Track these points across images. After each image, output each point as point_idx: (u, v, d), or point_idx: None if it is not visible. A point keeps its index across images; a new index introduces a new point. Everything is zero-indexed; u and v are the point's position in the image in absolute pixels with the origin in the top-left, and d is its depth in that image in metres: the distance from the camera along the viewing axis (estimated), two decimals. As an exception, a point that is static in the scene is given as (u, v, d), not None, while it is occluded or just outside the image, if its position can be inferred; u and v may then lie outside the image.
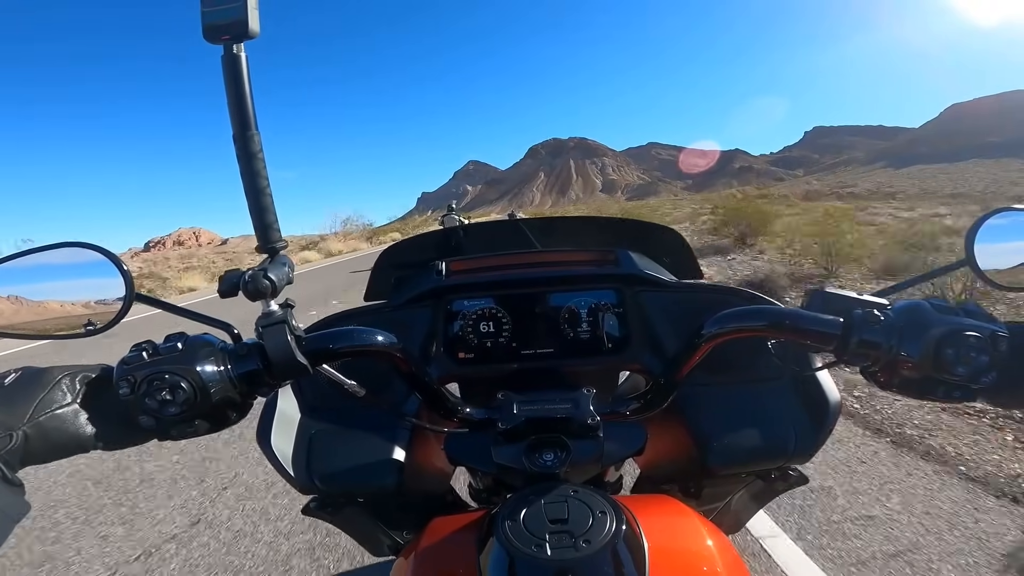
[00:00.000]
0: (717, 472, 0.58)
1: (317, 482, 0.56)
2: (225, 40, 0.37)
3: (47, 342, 4.97)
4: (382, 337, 0.45)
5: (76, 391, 0.38)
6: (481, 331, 0.74)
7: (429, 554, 0.43)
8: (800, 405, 0.60)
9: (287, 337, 0.39)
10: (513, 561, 0.35)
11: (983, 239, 0.47)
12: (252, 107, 0.38)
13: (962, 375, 0.38)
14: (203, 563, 1.66)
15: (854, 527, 1.65)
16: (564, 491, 0.41)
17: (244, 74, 0.38)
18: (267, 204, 0.40)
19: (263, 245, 0.40)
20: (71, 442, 0.37)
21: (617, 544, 0.36)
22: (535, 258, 0.85)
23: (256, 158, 0.39)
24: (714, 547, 0.41)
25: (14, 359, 5.03)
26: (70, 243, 0.41)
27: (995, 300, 3.89)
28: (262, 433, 0.56)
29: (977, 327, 0.38)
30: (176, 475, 2.30)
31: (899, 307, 0.41)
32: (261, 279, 0.39)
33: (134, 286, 0.40)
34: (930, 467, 2.00)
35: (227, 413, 0.40)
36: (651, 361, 0.71)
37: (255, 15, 0.36)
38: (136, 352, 0.38)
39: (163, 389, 0.36)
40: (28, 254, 0.41)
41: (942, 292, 3.87)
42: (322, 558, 1.64)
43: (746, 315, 0.47)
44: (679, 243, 0.90)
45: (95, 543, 1.81)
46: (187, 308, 0.42)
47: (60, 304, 0.48)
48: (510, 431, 0.49)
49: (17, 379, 0.37)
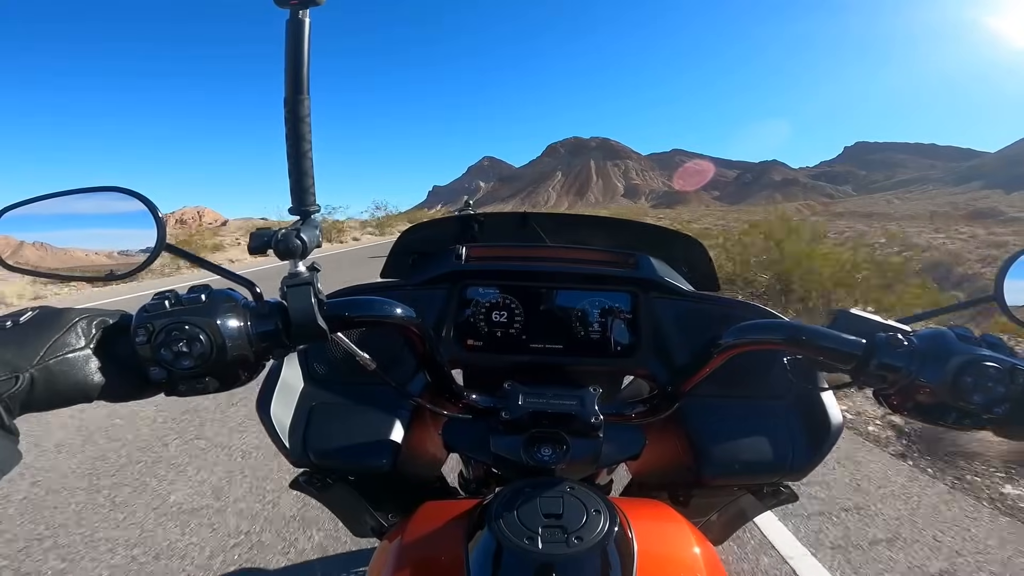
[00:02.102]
0: (710, 482, 0.60)
1: (311, 456, 0.57)
2: (293, 4, 0.39)
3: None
4: (401, 310, 0.47)
5: (91, 336, 0.37)
6: (492, 320, 0.76)
7: (416, 538, 0.44)
8: (801, 424, 0.62)
9: (311, 299, 0.41)
10: (501, 551, 0.37)
11: (1015, 275, 0.49)
12: (308, 72, 0.40)
13: (977, 403, 0.40)
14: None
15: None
16: (561, 487, 0.42)
17: (305, 39, 0.40)
18: (307, 168, 0.41)
19: (297, 207, 0.42)
20: (76, 390, 0.36)
21: (608, 544, 0.37)
22: (554, 253, 0.87)
23: (304, 122, 0.41)
24: (702, 557, 0.43)
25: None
26: (111, 187, 0.43)
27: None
28: (262, 400, 0.58)
29: (997, 359, 0.40)
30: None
31: (923, 334, 0.44)
32: (293, 239, 0.40)
33: (166, 235, 0.42)
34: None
35: (239, 372, 0.41)
36: (658, 368, 0.73)
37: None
38: (158, 300, 0.39)
39: (181, 340, 0.37)
40: (70, 194, 0.43)
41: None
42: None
43: (766, 328, 0.48)
44: (700, 253, 0.92)
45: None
46: (212, 263, 0.44)
47: (85, 253, 0.51)
48: (512, 422, 0.50)
49: (33, 318, 0.36)
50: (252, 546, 1.71)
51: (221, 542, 1.73)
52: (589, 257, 0.85)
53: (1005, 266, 0.50)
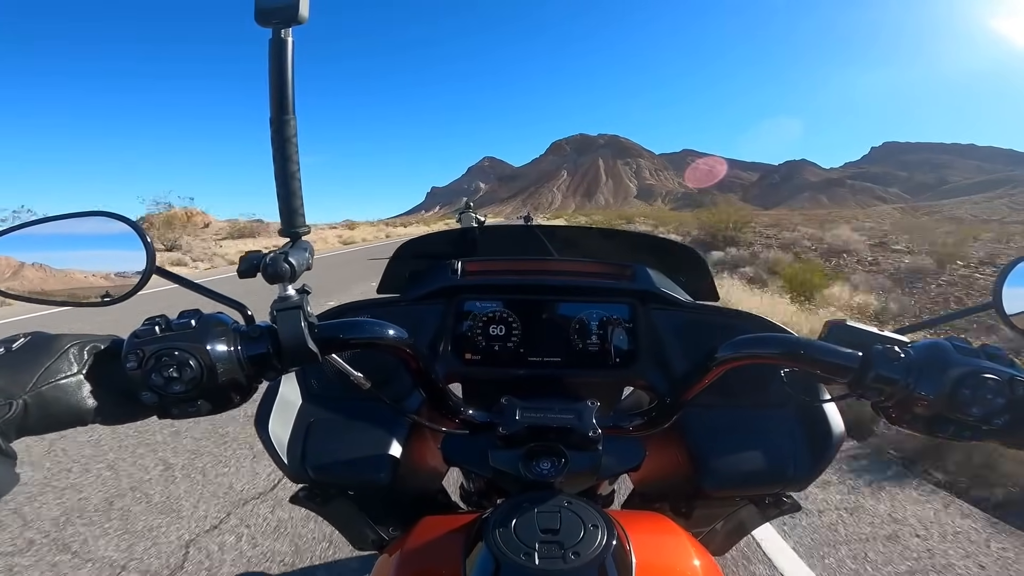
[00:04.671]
0: (712, 494, 0.62)
1: (310, 471, 0.60)
2: (275, 24, 0.41)
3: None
4: (393, 331, 0.49)
5: (83, 361, 0.40)
6: (490, 333, 0.79)
7: (415, 552, 0.47)
8: (803, 434, 0.64)
9: (301, 323, 0.43)
10: (499, 567, 0.38)
11: (1013, 283, 0.51)
12: (292, 92, 0.42)
13: (976, 416, 0.41)
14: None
15: None
16: (558, 501, 0.44)
17: (288, 59, 0.41)
18: (295, 189, 0.43)
19: (286, 229, 0.44)
20: (70, 415, 0.38)
21: (606, 559, 0.39)
22: (551, 266, 0.91)
23: (290, 142, 0.43)
24: (702, 569, 0.44)
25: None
26: (99, 212, 0.46)
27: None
28: (261, 417, 0.61)
29: (996, 370, 0.42)
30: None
31: (920, 345, 0.45)
32: (281, 262, 0.42)
33: (155, 259, 0.45)
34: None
35: (231, 395, 0.43)
36: (657, 379, 0.76)
37: (306, 1, 0.40)
38: (148, 326, 0.41)
39: (171, 366, 0.39)
40: (59, 219, 0.47)
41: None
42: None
43: (762, 342, 0.50)
44: (698, 263, 0.95)
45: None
46: (204, 285, 0.47)
47: (83, 274, 0.54)
48: (510, 436, 0.53)
49: (25, 345, 0.39)
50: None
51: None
52: (586, 269, 0.89)
53: (1004, 273, 0.51)
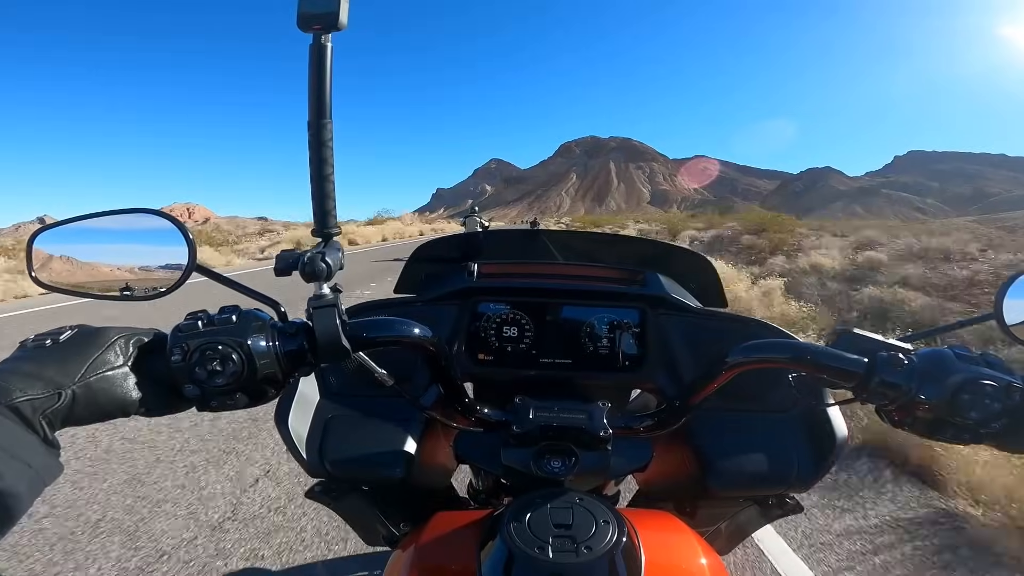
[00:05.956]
0: (716, 494, 0.65)
1: (327, 466, 0.64)
2: (316, 30, 0.43)
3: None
4: (419, 330, 0.52)
5: (128, 354, 0.42)
6: (503, 335, 0.83)
7: (430, 546, 0.50)
8: (806, 437, 0.68)
9: (336, 320, 0.46)
10: (513, 559, 0.41)
11: (1014, 295, 0.54)
12: (330, 96, 0.45)
13: (974, 419, 0.45)
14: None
15: None
16: (570, 498, 0.47)
17: (328, 64, 0.44)
18: (329, 191, 0.46)
19: (319, 229, 0.47)
20: (115, 405, 0.40)
21: (616, 554, 0.42)
22: (564, 270, 0.96)
23: (326, 146, 0.45)
24: (708, 566, 0.47)
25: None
26: (144, 209, 0.49)
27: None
28: (281, 413, 0.64)
29: (995, 377, 0.45)
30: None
31: (923, 353, 0.49)
32: (318, 262, 0.45)
33: (196, 254, 0.48)
34: None
35: (267, 389, 0.46)
36: (666, 382, 0.80)
37: (345, 8, 0.43)
38: (191, 320, 0.44)
39: (215, 359, 0.41)
40: (102, 216, 0.50)
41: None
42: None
43: (772, 347, 0.53)
44: (707, 269, 0.99)
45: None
46: (239, 282, 0.50)
47: (109, 268, 0.57)
48: (522, 435, 0.56)
49: (73, 336, 0.41)
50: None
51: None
52: (598, 274, 0.93)
53: (1005, 286, 0.55)
